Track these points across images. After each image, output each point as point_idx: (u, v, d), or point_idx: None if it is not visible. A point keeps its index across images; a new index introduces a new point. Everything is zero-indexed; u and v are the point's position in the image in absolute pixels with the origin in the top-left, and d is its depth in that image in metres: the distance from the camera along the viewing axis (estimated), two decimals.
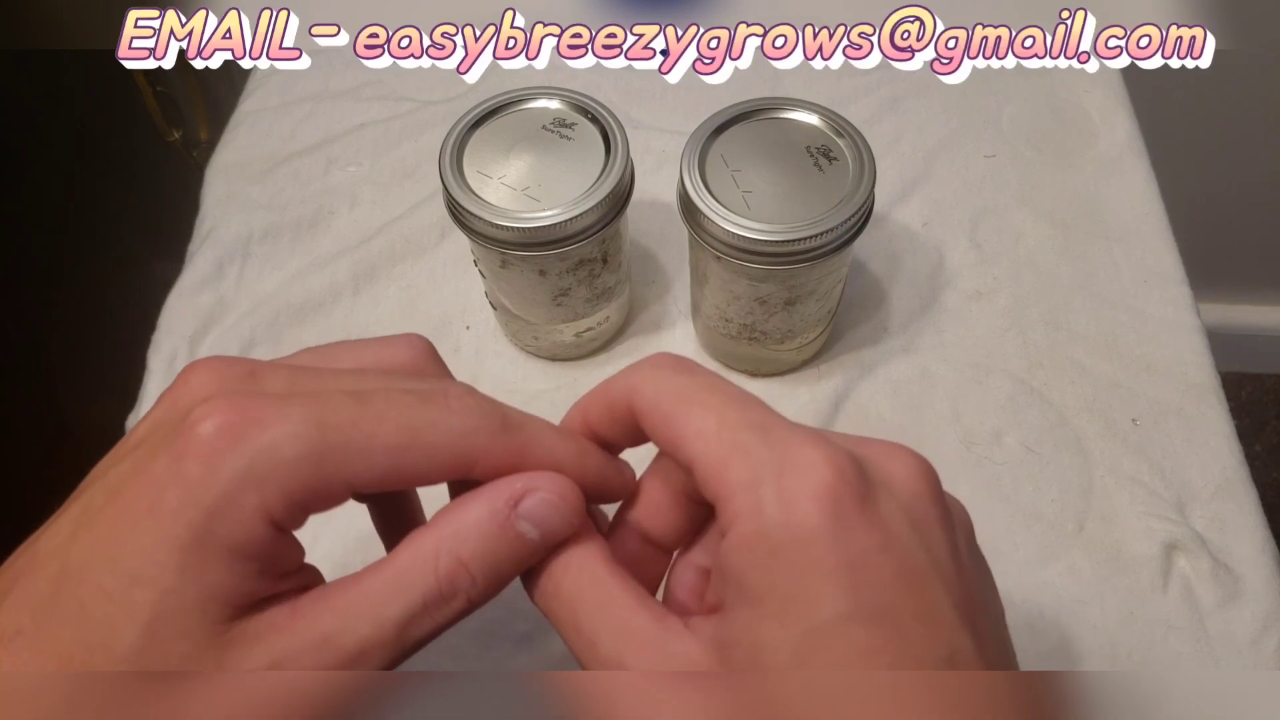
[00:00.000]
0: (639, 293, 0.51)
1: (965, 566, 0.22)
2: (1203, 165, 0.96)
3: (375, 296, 0.51)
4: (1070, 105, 0.58)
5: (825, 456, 0.21)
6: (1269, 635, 0.39)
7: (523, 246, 0.39)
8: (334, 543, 0.42)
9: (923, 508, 0.22)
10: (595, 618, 0.22)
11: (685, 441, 0.22)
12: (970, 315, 0.49)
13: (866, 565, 0.20)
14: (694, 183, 0.38)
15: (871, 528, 0.20)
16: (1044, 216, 0.53)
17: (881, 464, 0.22)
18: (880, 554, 0.20)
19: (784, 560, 0.20)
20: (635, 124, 0.57)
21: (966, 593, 0.21)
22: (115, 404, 0.49)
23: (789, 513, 0.20)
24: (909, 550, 0.21)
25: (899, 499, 0.21)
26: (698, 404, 0.23)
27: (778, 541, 0.20)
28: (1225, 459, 0.44)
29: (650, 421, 0.23)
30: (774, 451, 0.21)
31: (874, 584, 0.20)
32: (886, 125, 0.57)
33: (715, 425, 0.22)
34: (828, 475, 0.21)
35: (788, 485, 0.21)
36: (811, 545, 0.20)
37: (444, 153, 0.40)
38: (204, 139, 0.91)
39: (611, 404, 0.24)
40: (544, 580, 0.24)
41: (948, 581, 0.21)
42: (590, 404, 0.25)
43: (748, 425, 0.22)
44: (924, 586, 0.20)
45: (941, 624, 0.20)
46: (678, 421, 0.23)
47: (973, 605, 0.21)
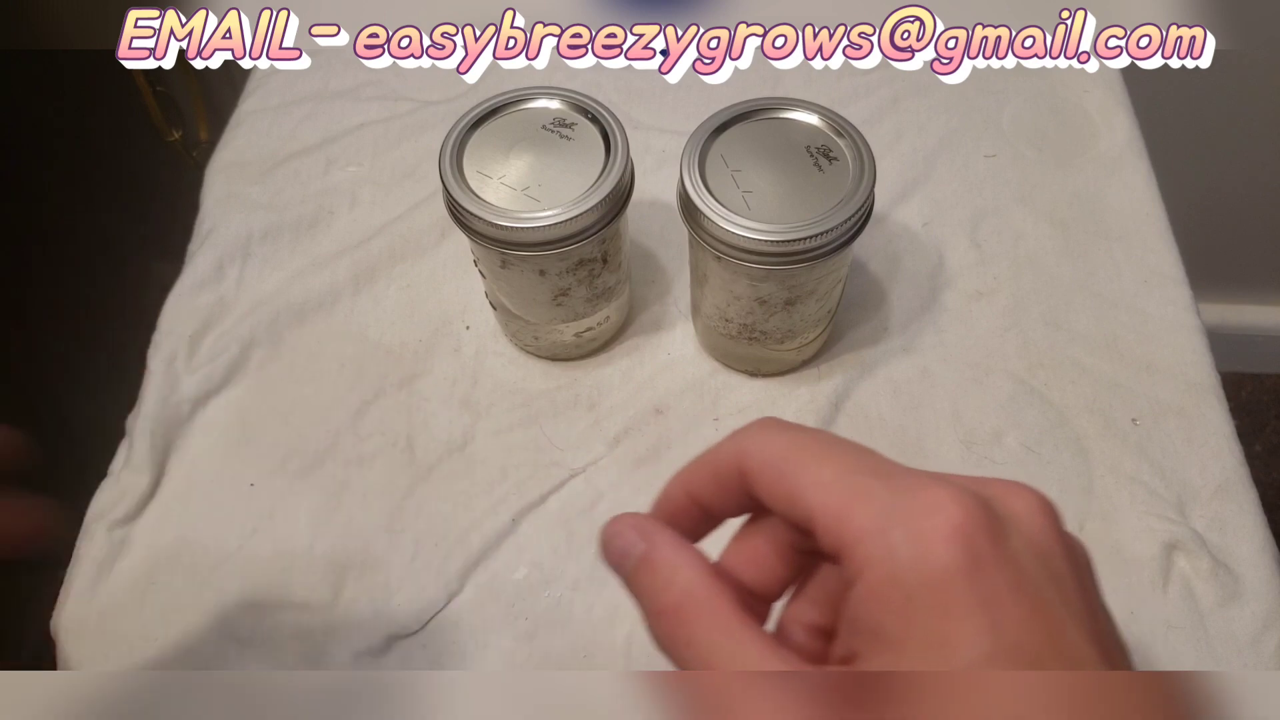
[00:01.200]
0: (639, 293, 0.51)
1: (1093, 602, 0.22)
2: (1203, 165, 0.96)
3: (375, 296, 0.51)
4: (1070, 105, 0.58)
5: (952, 496, 0.21)
6: (1269, 635, 0.39)
7: (523, 246, 0.39)
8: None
9: (1048, 544, 0.22)
10: (730, 667, 0.22)
11: (802, 493, 0.22)
12: (970, 315, 0.49)
13: (1002, 604, 0.20)
14: (694, 183, 0.38)
15: (1004, 566, 0.20)
16: (1044, 216, 0.53)
17: (1005, 502, 0.22)
18: (1014, 592, 0.20)
19: (920, 603, 0.20)
20: (635, 124, 0.57)
21: (1098, 628, 0.21)
22: (115, 404, 0.49)
23: (922, 555, 0.20)
24: (1040, 587, 0.20)
25: (1025, 537, 0.21)
26: (812, 456, 0.23)
27: (912, 585, 0.20)
28: (1225, 459, 0.44)
29: (763, 480, 0.23)
30: (899, 496, 0.21)
31: (1012, 622, 0.20)
32: (886, 125, 0.57)
33: (833, 474, 0.22)
34: (957, 515, 0.20)
35: (918, 528, 0.20)
36: (947, 587, 0.20)
37: (444, 153, 0.40)
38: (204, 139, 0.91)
39: (718, 468, 0.24)
40: (674, 627, 0.23)
41: (1079, 618, 0.21)
42: (693, 473, 0.25)
43: (867, 471, 0.22)
44: (1059, 623, 0.20)
45: (1080, 660, 0.20)
46: (792, 475, 0.23)
47: (1106, 641, 0.21)
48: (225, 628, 0.41)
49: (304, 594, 0.42)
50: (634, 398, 0.47)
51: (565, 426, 0.46)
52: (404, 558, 0.43)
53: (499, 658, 0.40)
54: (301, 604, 0.41)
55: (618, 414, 0.46)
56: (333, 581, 0.42)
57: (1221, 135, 0.94)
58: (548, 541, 0.43)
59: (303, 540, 0.43)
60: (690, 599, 0.23)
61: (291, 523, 0.44)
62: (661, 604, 0.23)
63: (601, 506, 0.44)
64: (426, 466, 0.45)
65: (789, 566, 0.25)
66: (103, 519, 0.43)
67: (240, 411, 0.47)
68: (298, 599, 0.42)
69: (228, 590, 0.42)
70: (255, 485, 0.45)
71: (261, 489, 0.45)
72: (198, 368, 0.48)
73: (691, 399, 0.47)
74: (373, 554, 0.43)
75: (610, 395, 0.47)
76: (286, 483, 0.45)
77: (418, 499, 0.44)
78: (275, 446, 0.46)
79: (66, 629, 0.41)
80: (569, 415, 0.47)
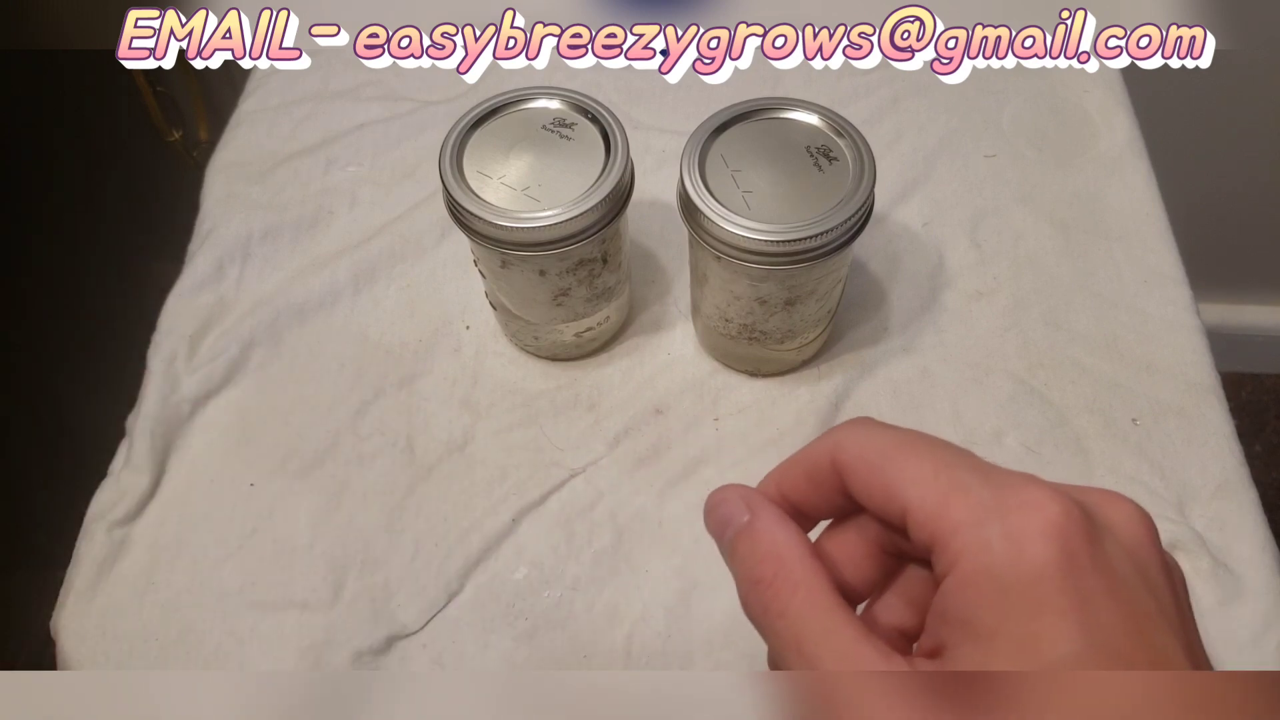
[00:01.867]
0: (639, 293, 0.51)
1: (1187, 618, 0.22)
2: (1203, 165, 0.96)
3: (375, 296, 0.51)
4: (1070, 105, 0.58)
5: (1051, 496, 0.21)
6: (1269, 635, 0.39)
7: (523, 246, 0.39)
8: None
9: (1145, 554, 0.22)
10: (821, 644, 0.22)
11: (899, 488, 0.22)
12: (970, 315, 0.49)
13: (1096, 606, 0.20)
14: (694, 183, 0.38)
15: (1100, 569, 0.20)
16: (1044, 216, 0.53)
17: (1103, 510, 0.22)
18: (1109, 596, 0.20)
19: (1013, 598, 0.20)
20: (635, 124, 0.57)
21: (1192, 641, 0.21)
22: (115, 404, 0.49)
23: (1018, 550, 0.20)
24: (1137, 594, 0.21)
25: (1122, 544, 0.21)
26: (910, 451, 0.23)
27: (1006, 579, 0.20)
28: (1225, 459, 0.44)
29: (858, 475, 0.23)
30: (996, 491, 0.21)
31: (1105, 626, 0.20)
32: (886, 125, 0.57)
33: (931, 469, 0.22)
34: (1056, 514, 0.21)
35: (1015, 523, 0.21)
36: (1041, 583, 0.20)
37: (444, 153, 0.40)
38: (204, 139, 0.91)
39: (813, 465, 0.25)
40: (770, 598, 0.23)
41: (1174, 628, 0.21)
42: (787, 470, 0.25)
43: (965, 468, 0.22)
44: (1153, 632, 0.20)
45: (1174, 669, 0.20)
46: (890, 470, 0.23)
47: (1198, 656, 0.21)
48: (225, 628, 0.41)
49: (304, 594, 0.42)
50: (634, 398, 0.47)
51: (565, 426, 0.46)
52: (404, 558, 0.43)
53: (499, 658, 0.40)
54: (301, 604, 0.41)
55: (618, 414, 0.46)
56: (333, 581, 0.42)
57: (1221, 135, 0.94)
58: (548, 541, 0.43)
59: (303, 540, 0.43)
60: (788, 571, 0.23)
61: (291, 523, 0.44)
62: (759, 573, 0.23)
63: (601, 506, 0.44)
64: (426, 466, 0.45)
65: (876, 567, 0.25)
66: (103, 519, 0.43)
67: (240, 411, 0.47)
68: (298, 599, 0.42)
69: (228, 590, 0.42)
70: (255, 485, 0.45)
71: (261, 489, 0.45)
72: (198, 368, 0.48)
73: (691, 399, 0.47)
74: (373, 554, 0.43)
75: (610, 395, 0.47)
76: (286, 483, 0.45)
77: (418, 499, 0.44)
78: (275, 446, 0.46)
79: (66, 629, 0.41)
80: (569, 415, 0.47)
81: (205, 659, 0.40)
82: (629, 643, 0.40)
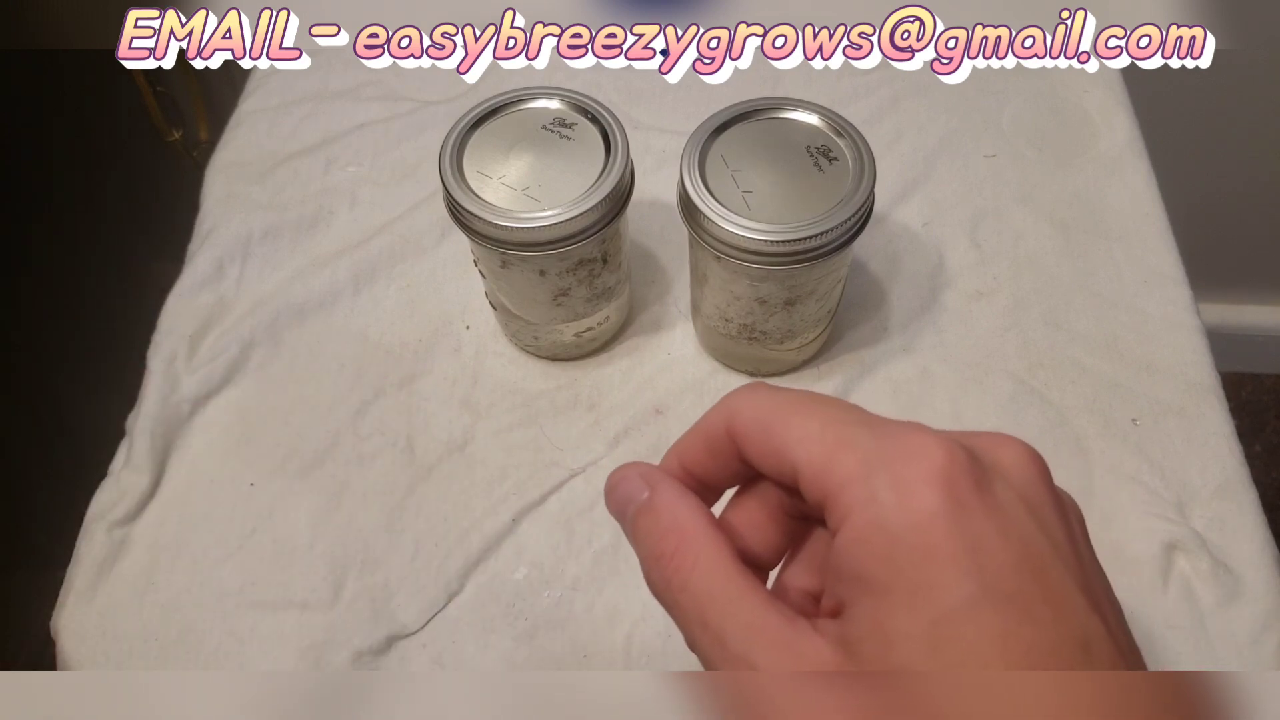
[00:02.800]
0: (639, 293, 0.51)
1: (1084, 553, 0.22)
2: (1203, 165, 0.96)
3: (375, 296, 0.51)
4: (1070, 105, 0.58)
5: (937, 442, 0.21)
6: (1269, 635, 0.39)
7: (523, 246, 0.39)
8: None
9: (1037, 494, 0.21)
10: (725, 614, 0.22)
11: (789, 447, 0.22)
12: (970, 315, 0.49)
13: (989, 549, 0.20)
14: (694, 183, 0.38)
15: (990, 512, 0.20)
16: (1044, 216, 0.53)
17: (991, 452, 0.22)
18: (1001, 538, 0.20)
19: (904, 548, 0.20)
20: (635, 124, 0.57)
21: (1089, 579, 0.21)
22: (115, 404, 0.49)
23: (905, 499, 0.20)
24: (1028, 535, 0.20)
25: (1013, 485, 0.21)
26: (798, 411, 0.23)
27: (896, 529, 0.20)
28: (1225, 459, 0.44)
29: (751, 439, 0.23)
30: (882, 441, 0.21)
31: (997, 568, 0.19)
32: (886, 125, 0.57)
33: (819, 426, 0.22)
34: (940, 460, 0.20)
35: (900, 472, 0.20)
36: (931, 530, 0.20)
37: (444, 153, 0.40)
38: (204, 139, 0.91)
39: (709, 435, 0.24)
40: (671, 574, 0.23)
41: (1069, 566, 0.20)
42: (687, 443, 0.25)
43: (852, 422, 0.22)
44: (1048, 571, 0.20)
45: (1071, 608, 0.20)
46: (779, 430, 0.22)
47: (1096, 592, 0.21)
48: (225, 628, 0.41)
49: (304, 594, 0.42)
50: (634, 398, 0.47)
51: (565, 426, 0.46)
52: (404, 558, 0.43)
53: (499, 658, 0.40)
54: (301, 604, 0.41)
55: (618, 414, 0.46)
56: (333, 581, 0.42)
57: (1221, 135, 0.94)
58: (548, 541, 0.43)
59: (303, 540, 0.43)
60: (689, 544, 0.23)
61: (291, 523, 0.44)
62: (660, 549, 0.23)
63: (601, 506, 0.44)
64: (426, 466, 0.45)
65: (782, 532, 0.25)
66: (103, 519, 0.43)
67: (240, 411, 0.47)
68: (298, 599, 0.42)
69: (228, 590, 0.42)
70: (255, 485, 0.45)
71: (261, 489, 0.45)
72: (198, 368, 0.48)
73: (691, 399, 0.47)
74: (373, 554, 0.43)
75: (610, 395, 0.47)
76: (286, 483, 0.45)
77: (418, 499, 0.44)
78: (275, 446, 0.46)
79: (66, 629, 0.41)
80: (569, 415, 0.47)
81: (205, 659, 0.40)
82: (629, 643, 0.40)
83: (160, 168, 0.91)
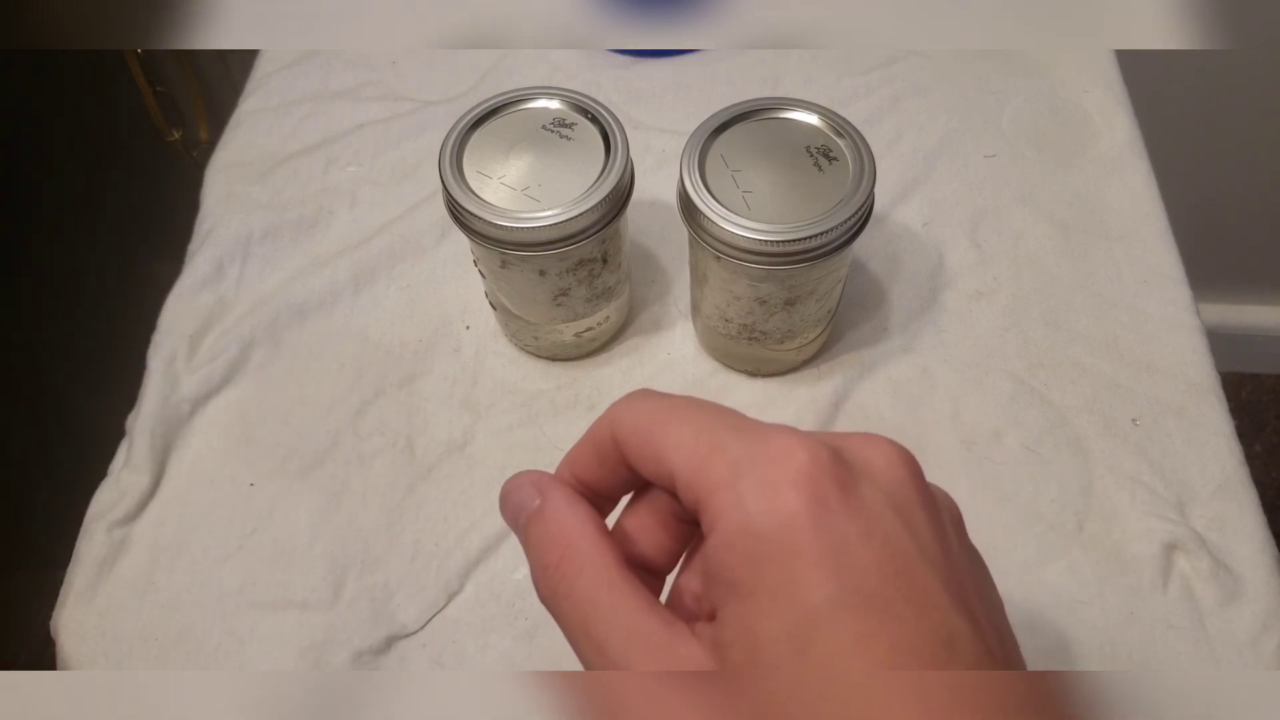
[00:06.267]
0: (639, 293, 0.51)
1: (954, 552, 0.22)
2: (1203, 165, 0.96)
3: (375, 296, 0.51)
4: (1070, 105, 0.58)
5: (801, 444, 0.21)
6: (1269, 635, 0.39)
7: (523, 246, 0.39)
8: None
9: (904, 493, 0.22)
10: (606, 621, 0.22)
11: (665, 454, 0.22)
12: (970, 315, 0.49)
13: (850, 550, 0.20)
14: (694, 183, 0.38)
15: (853, 513, 0.20)
16: (1044, 216, 0.53)
17: (860, 453, 0.22)
18: (863, 539, 0.20)
19: (768, 550, 0.20)
20: (635, 124, 0.57)
21: (957, 577, 0.21)
22: (115, 404, 0.49)
23: (769, 502, 0.20)
24: (893, 535, 0.20)
25: (880, 485, 0.21)
26: (675, 417, 0.23)
27: (760, 532, 0.20)
28: (1225, 459, 0.44)
29: (632, 446, 0.24)
30: (749, 446, 0.21)
31: (860, 568, 0.20)
32: (886, 125, 0.57)
33: (693, 432, 0.22)
34: (804, 461, 0.21)
35: (765, 476, 0.21)
36: (794, 533, 0.20)
37: (444, 153, 0.40)
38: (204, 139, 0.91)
39: (597, 443, 0.25)
40: (557, 582, 0.23)
41: (935, 566, 0.21)
42: (578, 453, 0.25)
43: (723, 427, 0.22)
44: (911, 570, 0.20)
45: (934, 607, 0.20)
46: (657, 437, 0.23)
47: (965, 590, 0.21)
48: (225, 628, 0.41)
49: (304, 594, 0.42)
50: None
51: (565, 426, 0.46)
52: (404, 558, 0.43)
53: (499, 658, 0.40)
54: (301, 604, 0.41)
55: None
56: (333, 581, 0.42)
57: (1221, 135, 0.94)
58: None
59: (303, 540, 0.43)
60: (575, 552, 0.23)
61: (291, 523, 0.44)
62: (547, 558, 0.23)
63: None
64: (426, 466, 0.45)
65: (674, 537, 0.25)
66: (103, 519, 0.43)
67: (240, 411, 0.47)
68: (298, 599, 0.42)
69: (228, 590, 0.42)
70: (255, 485, 0.45)
71: (261, 489, 0.45)
72: (198, 368, 0.48)
73: None
74: (373, 554, 0.43)
75: (610, 395, 0.47)
76: (286, 483, 0.45)
77: (418, 499, 0.44)
78: (275, 446, 0.46)
79: (66, 629, 0.41)
80: (569, 415, 0.47)
81: (205, 659, 0.40)
82: None
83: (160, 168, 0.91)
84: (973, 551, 0.24)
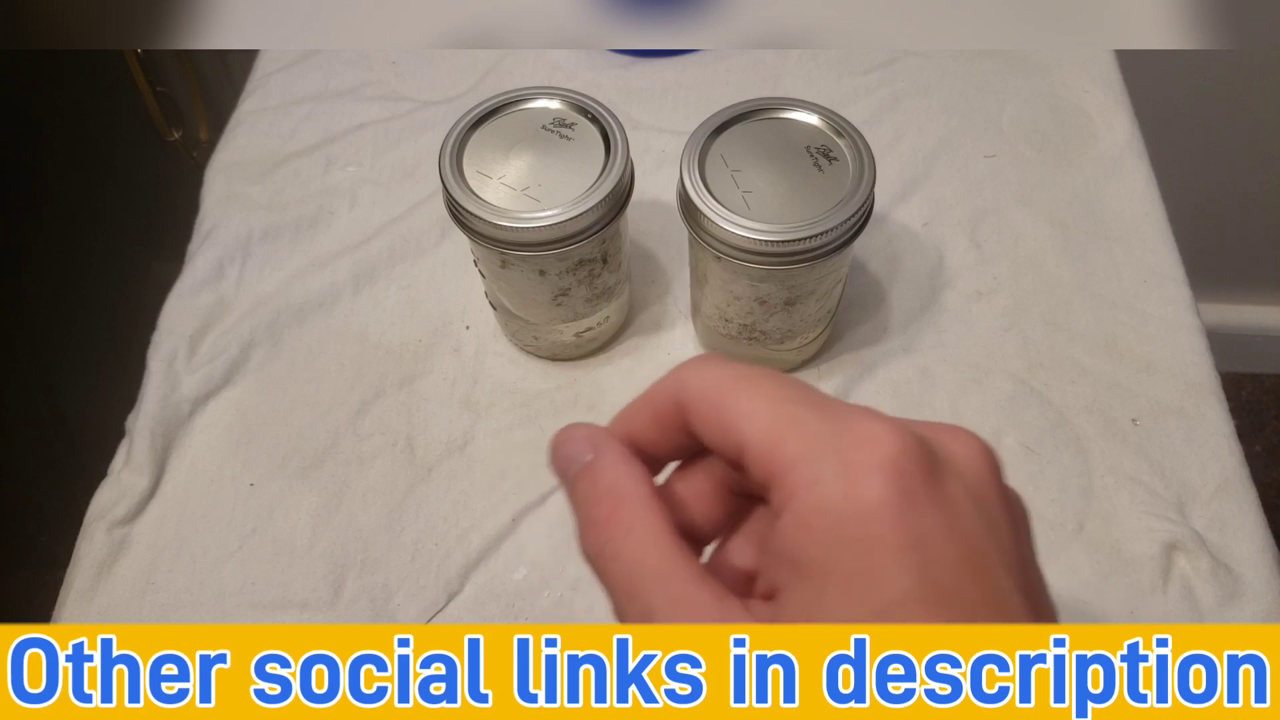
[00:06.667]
0: (639, 293, 0.51)
1: (1027, 555, 0.21)
2: (1203, 165, 0.96)
3: (375, 296, 0.51)
4: (1070, 105, 0.58)
5: (888, 430, 0.20)
6: None
7: (523, 246, 0.39)
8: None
9: (986, 491, 0.21)
10: (653, 586, 0.21)
11: (735, 423, 0.21)
12: (970, 315, 0.49)
13: (933, 545, 0.19)
14: (694, 183, 0.38)
15: (938, 506, 0.19)
16: (1044, 216, 0.53)
17: (945, 444, 0.21)
18: (947, 533, 0.19)
19: (847, 535, 0.19)
20: (635, 124, 0.57)
21: (1029, 581, 0.20)
22: (115, 404, 0.49)
23: (852, 486, 0.19)
24: (975, 533, 0.20)
25: (964, 480, 0.20)
26: (747, 386, 0.22)
27: (840, 516, 0.19)
28: (1225, 459, 0.44)
29: (698, 412, 0.22)
30: (832, 425, 0.20)
31: (941, 565, 0.19)
32: (886, 125, 0.57)
33: (767, 403, 0.21)
34: (893, 449, 0.20)
35: (850, 458, 0.20)
36: (876, 520, 0.19)
37: (444, 153, 0.40)
38: (204, 139, 0.91)
39: (657, 405, 0.23)
40: (604, 540, 0.22)
41: (1011, 569, 0.20)
42: (634, 412, 0.24)
43: (801, 401, 0.21)
44: (990, 571, 0.19)
45: (1009, 612, 0.19)
46: (727, 405, 0.22)
47: (1036, 595, 0.20)
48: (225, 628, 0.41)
49: (304, 594, 0.42)
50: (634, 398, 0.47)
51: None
52: (404, 558, 0.43)
53: None
54: (301, 604, 0.41)
55: None
56: (333, 581, 0.42)
57: (1221, 135, 0.94)
58: (548, 541, 0.43)
59: (303, 540, 0.43)
60: (625, 510, 0.22)
61: (291, 523, 0.44)
62: (595, 514, 0.22)
63: None
64: (426, 466, 0.45)
65: (724, 507, 0.24)
66: (103, 519, 0.43)
67: (240, 411, 0.47)
68: (298, 599, 0.42)
69: (228, 590, 0.42)
70: (255, 485, 0.45)
71: (261, 489, 0.45)
72: (198, 368, 0.48)
73: None
74: (373, 554, 0.43)
75: (610, 395, 0.47)
76: (286, 483, 0.45)
77: (418, 499, 0.44)
78: (275, 446, 0.46)
79: None
80: (569, 415, 0.47)
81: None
82: None
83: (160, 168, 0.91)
84: (1035, 554, 0.23)
